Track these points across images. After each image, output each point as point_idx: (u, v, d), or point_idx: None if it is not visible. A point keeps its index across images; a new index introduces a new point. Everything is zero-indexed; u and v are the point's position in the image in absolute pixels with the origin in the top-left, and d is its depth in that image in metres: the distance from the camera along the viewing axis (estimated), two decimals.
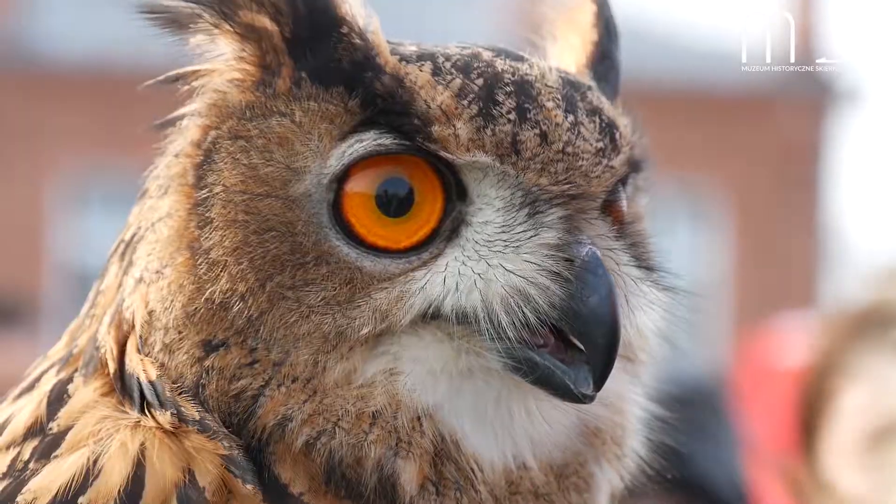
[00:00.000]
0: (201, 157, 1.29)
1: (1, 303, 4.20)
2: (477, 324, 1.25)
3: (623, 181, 1.35)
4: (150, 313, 1.29)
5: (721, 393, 3.25)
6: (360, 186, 1.27)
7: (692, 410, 3.04)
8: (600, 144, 1.28)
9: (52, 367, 1.36)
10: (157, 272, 1.29)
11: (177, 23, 1.29)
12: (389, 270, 1.26)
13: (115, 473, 1.22)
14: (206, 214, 1.27)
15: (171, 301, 1.27)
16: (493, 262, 1.26)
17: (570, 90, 1.29)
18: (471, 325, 1.26)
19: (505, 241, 1.27)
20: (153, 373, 1.27)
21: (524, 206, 1.27)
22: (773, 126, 21.04)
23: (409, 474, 1.24)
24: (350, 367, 1.25)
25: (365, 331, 1.24)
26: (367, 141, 1.25)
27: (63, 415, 1.28)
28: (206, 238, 1.27)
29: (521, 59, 1.31)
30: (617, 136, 1.30)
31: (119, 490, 1.21)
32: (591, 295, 1.23)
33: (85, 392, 1.30)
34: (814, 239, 21.64)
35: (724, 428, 3.10)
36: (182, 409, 1.26)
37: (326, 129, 1.27)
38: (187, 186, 1.29)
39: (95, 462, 1.22)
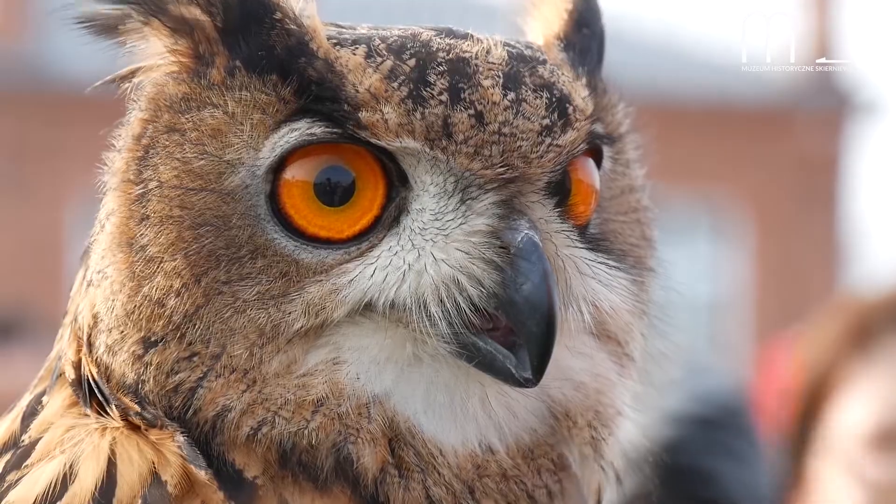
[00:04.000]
0: (141, 152, 1.27)
1: (11, 317, 4.19)
2: (411, 314, 1.22)
3: (595, 155, 1.32)
4: (95, 316, 1.27)
5: (747, 411, 3.22)
6: (298, 177, 1.23)
7: (718, 430, 3.02)
8: (546, 122, 1.23)
9: (33, 384, 1.35)
10: (101, 272, 1.28)
11: (108, 28, 1.28)
12: (326, 262, 1.23)
13: (89, 476, 1.21)
14: (143, 210, 1.25)
15: (113, 301, 1.25)
16: (424, 252, 1.22)
17: (517, 65, 1.24)
18: (409, 315, 1.22)
19: (437, 229, 1.23)
20: (95, 373, 1.26)
21: (456, 192, 1.23)
22: (792, 139, 21.00)
23: (367, 458, 1.22)
24: (290, 359, 1.23)
25: (298, 325, 1.22)
26: (300, 130, 1.22)
27: (34, 427, 1.28)
28: (142, 234, 1.25)
29: (465, 37, 1.26)
30: (570, 110, 1.25)
31: (93, 491, 1.20)
32: (524, 282, 1.19)
33: (54, 403, 1.29)
34: (833, 251, 21.57)
35: (751, 447, 3.07)
36: (125, 405, 1.24)
37: (260, 119, 1.24)
38: (127, 182, 1.27)
39: (71, 467, 1.22)
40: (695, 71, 20.84)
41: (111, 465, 1.22)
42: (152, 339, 1.24)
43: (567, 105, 1.25)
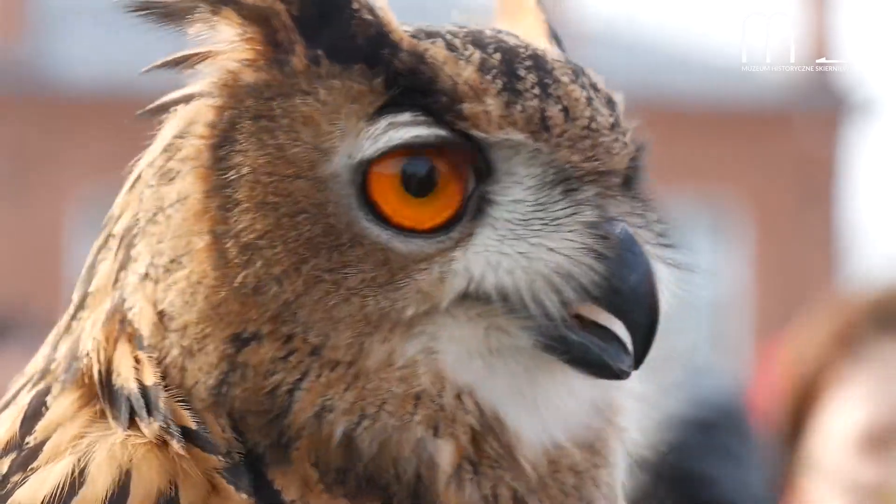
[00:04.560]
0: (217, 139, 1.24)
1: (10, 319, 4.19)
2: (518, 302, 1.22)
3: (636, 157, 1.32)
4: (161, 314, 1.23)
5: (745, 413, 3.23)
6: (388, 168, 1.22)
7: (716, 432, 3.02)
8: (612, 119, 1.25)
9: (29, 380, 1.31)
10: (170, 264, 1.23)
11: (172, 15, 1.26)
12: (425, 251, 1.22)
13: (100, 481, 1.18)
14: (233, 196, 1.22)
15: (192, 294, 1.22)
16: (533, 241, 1.22)
17: (573, 65, 1.26)
18: (507, 304, 1.22)
19: (542, 219, 1.23)
20: (150, 379, 1.21)
21: (558, 184, 1.23)
22: (791, 139, 21.02)
23: (446, 456, 1.21)
24: (391, 349, 1.21)
25: (409, 312, 1.21)
26: (403, 128, 1.21)
27: (40, 427, 1.24)
28: (235, 220, 1.22)
29: (516, 35, 1.27)
30: (619, 110, 1.27)
31: (105, 497, 1.17)
32: (630, 273, 1.21)
33: (62, 403, 1.25)
34: (833, 251, 21.59)
35: (749, 449, 3.08)
36: (173, 419, 1.20)
37: (353, 109, 1.22)
38: (202, 168, 1.24)
39: (82, 470, 1.19)
40: (694, 72, 20.86)
41: (126, 474, 1.19)
42: (244, 335, 1.21)
43: (616, 106, 1.27)
